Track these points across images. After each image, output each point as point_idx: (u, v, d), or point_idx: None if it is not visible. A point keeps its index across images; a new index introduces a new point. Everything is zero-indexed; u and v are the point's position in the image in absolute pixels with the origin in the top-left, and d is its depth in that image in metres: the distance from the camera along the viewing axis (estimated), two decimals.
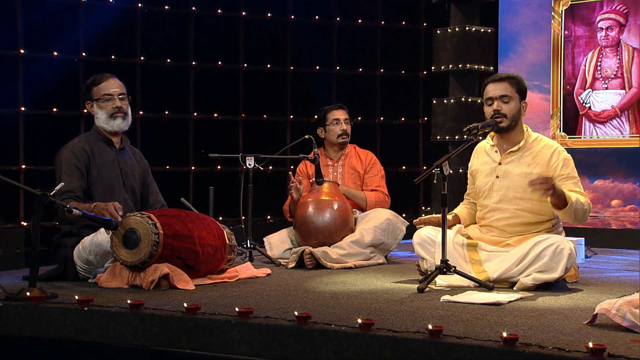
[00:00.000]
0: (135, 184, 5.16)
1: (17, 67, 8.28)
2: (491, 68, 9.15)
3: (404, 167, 9.42)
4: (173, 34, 8.98)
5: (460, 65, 8.95)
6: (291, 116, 9.22)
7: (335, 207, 5.77)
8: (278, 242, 5.97)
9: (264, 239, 6.09)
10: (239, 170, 9.03)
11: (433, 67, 9.16)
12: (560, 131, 8.60)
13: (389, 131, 9.62)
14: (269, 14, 9.20)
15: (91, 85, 5.16)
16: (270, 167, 8.93)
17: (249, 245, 5.78)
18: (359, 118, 9.44)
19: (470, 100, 8.86)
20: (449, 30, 9.00)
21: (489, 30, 9.05)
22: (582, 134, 8.52)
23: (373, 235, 5.75)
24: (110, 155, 5.07)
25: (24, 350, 3.87)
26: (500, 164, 4.91)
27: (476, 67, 8.98)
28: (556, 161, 4.79)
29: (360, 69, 9.53)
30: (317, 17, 9.38)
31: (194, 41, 8.96)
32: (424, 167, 9.56)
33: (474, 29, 8.99)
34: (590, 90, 8.51)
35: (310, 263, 5.46)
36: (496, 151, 4.95)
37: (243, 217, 6.05)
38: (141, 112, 8.70)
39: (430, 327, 3.17)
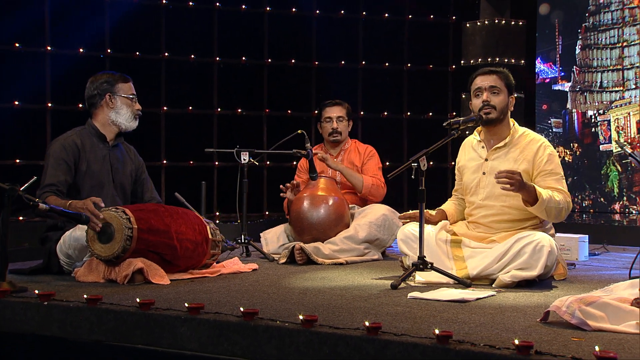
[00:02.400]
0: (125, 181, 5.17)
1: (44, 63, 8.42)
2: (522, 62, 9.00)
3: (431, 163, 9.30)
4: (197, 30, 9.01)
5: (489, 59, 8.85)
6: (315, 111, 9.16)
7: (330, 202, 5.72)
8: (274, 238, 5.94)
9: (261, 234, 6.07)
10: (263, 166, 9.05)
11: (462, 61, 9.05)
12: None
13: (417, 126, 9.51)
14: (294, 9, 9.18)
15: (118, 80, 5.15)
16: (294, 163, 8.92)
17: (243, 241, 5.75)
18: (385, 113, 9.39)
19: None
20: (479, 24, 8.87)
21: (520, 23, 8.90)
22: None
23: (368, 231, 5.68)
24: (102, 150, 5.09)
25: None
26: (486, 160, 4.82)
27: (506, 60, 8.85)
28: (541, 156, 4.70)
29: (387, 64, 9.44)
30: (342, 11, 9.32)
31: (218, 37, 8.98)
32: (452, 163, 9.43)
33: (504, 21, 8.86)
34: None
35: (301, 259, 5.41)
36: (483, 147, 4.87)
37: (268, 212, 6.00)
38: (165, 108, 8.77)
39: (367, 324, 3.11)
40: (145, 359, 3.55)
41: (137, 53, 8.74)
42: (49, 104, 8.37)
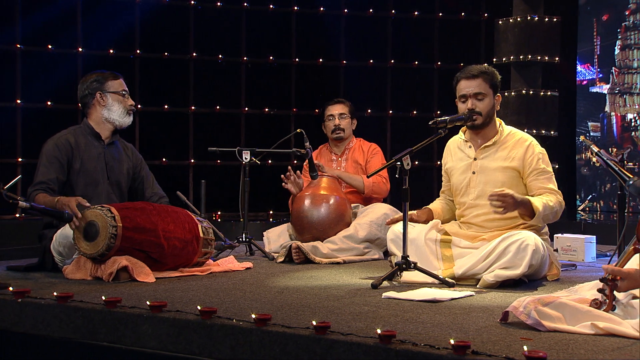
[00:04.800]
0: (121, 179, 5.21)
1: (76, 64, 8.54)
2: (556, 59, 8.83)
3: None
4: (225, 30, 9.05)
5: (522, 57, 8.69)
6: None
7: (331, 201, 5.69)
8: (276, 237, 5.94)
9: (264, 233, 6.07)
10: (292, 165, 9.04)
11: (494, 59, 8.91)
12: None
13: None
14: (322, 8, 9.16)
15: (108, 78, 5.24)
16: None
17: (244, 239, 5.75)
18: (415, 112, 9.30)
19: (532, 92, 8.60)
20: (511, 20, 8.73)
21: (555, 19, 8.73)
22: None
23: (368, 230, 5.64)
24: (96, 149, 5.14)
25: None
26: (475, 159, 4.76)
27: (539, 58, 8.69)
28: (531, 155, 4.67)
29: (417, 62, 9.35)
30: (371, 10, 9.26)
31: (246, 37, 9.02)
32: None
33: (536, 18, 8.69)
34: None
35: (298, 258, 5.39)
36: (470, 147, 4.81)
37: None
38: (193, 108, 8.83)
39: (314, 323, 3.08)
40: (108, 356, 3.57)
41: (166, 53, 8.81)
42: (80, 104, 8.46)
